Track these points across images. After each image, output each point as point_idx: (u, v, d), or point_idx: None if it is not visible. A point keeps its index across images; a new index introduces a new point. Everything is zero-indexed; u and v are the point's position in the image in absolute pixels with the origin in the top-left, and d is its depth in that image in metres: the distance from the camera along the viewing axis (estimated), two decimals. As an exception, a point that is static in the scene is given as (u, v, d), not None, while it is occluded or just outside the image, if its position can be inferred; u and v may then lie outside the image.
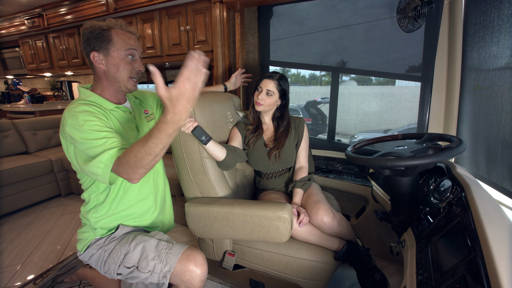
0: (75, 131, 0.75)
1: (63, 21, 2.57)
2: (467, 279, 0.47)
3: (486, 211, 0.59)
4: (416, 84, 1.49)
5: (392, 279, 1.33)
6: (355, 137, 1.79)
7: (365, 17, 1.55)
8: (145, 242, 0.86)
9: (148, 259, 0.82)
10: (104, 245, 0.90)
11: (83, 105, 0.80)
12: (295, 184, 1.21)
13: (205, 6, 1.85)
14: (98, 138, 0.74)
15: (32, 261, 1.53)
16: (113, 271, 0.86)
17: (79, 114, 0.76)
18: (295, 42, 1.78)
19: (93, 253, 0.91)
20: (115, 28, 0.84)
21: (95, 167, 0.73)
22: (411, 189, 0.89)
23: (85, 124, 0.75)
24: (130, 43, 0.85)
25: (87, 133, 0.74)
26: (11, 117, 3.37)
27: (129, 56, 0.86)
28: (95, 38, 0.82)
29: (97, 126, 0.76)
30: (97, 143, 0.74)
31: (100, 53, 0.83)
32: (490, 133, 1.01)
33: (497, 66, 0.96)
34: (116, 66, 0.85)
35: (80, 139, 0.75)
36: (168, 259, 0.81)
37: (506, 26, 0.89)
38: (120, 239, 0.90)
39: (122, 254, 0.85)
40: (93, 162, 0.73)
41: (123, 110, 0.92)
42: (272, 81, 1.20)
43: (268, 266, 1.09)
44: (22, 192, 2.16)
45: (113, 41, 0.83)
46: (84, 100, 0.84)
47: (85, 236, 0.93)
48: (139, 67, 0.89)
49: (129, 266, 0.84)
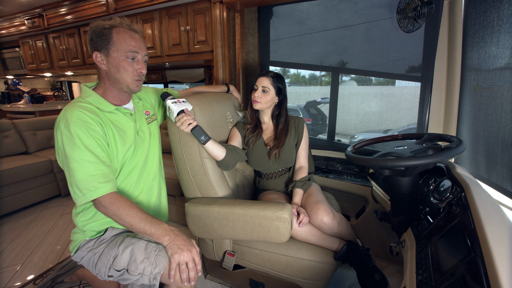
0: (67, 142, 0.77)
1: (63, 21, 2.57)
2: (467, 279, 0.47)
3: (486, 211, 0.59)
4: (416, 84, 1.49)
5: (392, 279, 1.33)
6: (355, 137, 1.79)
7: (365, 17, 1.56)
8: (134, 245, 0.84)
9: (137, 262, 0.81)
10: (94, 248, 0.89)
11: (78, 111, 0.79)
12: (295, 184, 1.21)
13: (205, 6, 1.85)
14: (84, 160, 0.77)
15: (32, 261, 1.53)
16: (104, 273, 0.85)
17: (72, 124, 0.76)
18: (295, 43, 1.78)
19: (83, 255, 0.90)
20: (118, 27, 0.82)
21: (78, 189, 0.77)
22: (411, 189, 0.89)
23: (76, 139, 0.76)
24: (131, 45, 0.83)
25: (77, 149, 0.76)
26: (11, 117, 3.37)
27: (130, 58, 0.84)
28: (97, 37, 0.81)
29: (88, 141, 0.78)
30: (84, 166, 0.77)
31: (101, 53, 0.82)
32: (490, 133, 1.01)
33: (497, 66, 0.96)
34: (116, 67, 0.83)
35: (70, 153, 0.76)
36: (157, 261, 0.80)
37: (506, 26, 0.89)
38: (109, 242, 0.89)
39: (112, 258, 0.84)
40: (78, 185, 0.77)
41: (123, 112, 0.91)
42: (267, 78, 1.21)
43: (268, 266, 1.09)
44: (22, 192, 2.16)
45: (113, 40, 0.81)
46: (83, 101, 0.84)
47: (75, 237, 0.92)
48: (140, 68, 0.86)
49: (119, 269, 0.83)
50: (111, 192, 0.79)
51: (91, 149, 0.78)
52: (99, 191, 0.77)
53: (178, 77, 2.70)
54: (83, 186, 0.76)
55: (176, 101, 0.96)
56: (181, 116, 0.95)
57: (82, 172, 0.76)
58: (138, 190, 0.97)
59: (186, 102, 0.99)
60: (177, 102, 0.96)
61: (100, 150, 0.80)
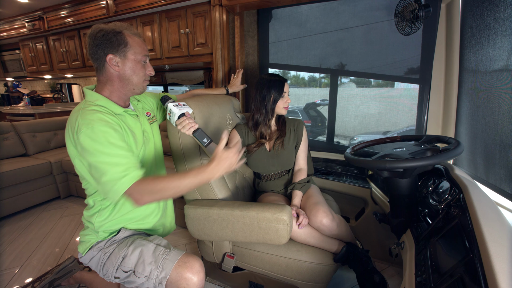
0: (90, 141, 0.74)
1: (64, 24, 2.58)
2: (465, 280, 0.48)
3: (484, 212, 0.59)
4: (414, 86, 1.50)
5: (391, 281, 1.32)
6: (355, 139, 1.79)
7: (364, 19, 1.57)
8: (143, 247, 0.85)
9: (145, 264, 0.81)
10: (104, 248, 0.90)
11: (97, 113, 0.78)
12: (294, 186, 1.21)
13: (205, 9, 1.86)
14: (113, 154, 0.75)
15: (31, 264, 1.53)
16: (111, 274, 0.85)
17: (95, 124, 0.75)
18: (294, 45, 1.79)
19: (93, 255, 0.91)
20: (125, 31, 0.85)
21: (111, 186, 0.74)
22: (410, 191, 0.89)
23: (101, 135, 0.74)
24: (145, 49, 0.88)
25: (102, 145, 0.74)
26: (10, 119, 3.37)
27: (143, 61, 0.88)
28: (110, 41, 0.82)
29: (113, 138, 0.76)
30: (112, 159, 0.74)
31: (116, 56, 0.83)
32: (488, 134, 1.01)
33: (494, 68, 0.97)
34: (132, 69, 0.86)
35: (93, 150, 0.74)
36: (164, 265, 0.80)
37: (502, 29, 0.90)
38: (119, 242, 0.90)
39: (120, 258, 0.85)
40: (110, 182, 0.74)
41: (131, 114, 0.93)
42: (286, 83, 1.25)
43: (268, 268, 1.09)
44: (21, 194, 2.16)
45: (129, 44, 0.84)
46: (94, 105, 0.83)
47: (87, 239, 0.92)
48: (150, 71, 0.91)
49: (127, 270, 0.83)
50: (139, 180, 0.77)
51: (118, 144, 0.77)
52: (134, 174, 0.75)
53: (178, 79, 2.71)
54: (118, 176, 0.74)
55: (177, 104, 0.97)
56: (182, 119, 0.95)
57: (114, 167, 0.74)
58: None
59: (187, 106, 1.00)
60: (178, 105, 0.97)
61: (125, 146, 0.80)
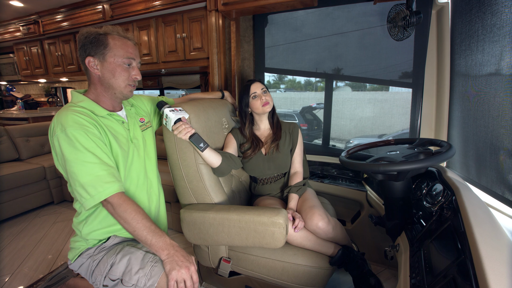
0: (66, 146, 0.75)
1: (59, 28, 2.57)
2: (458, 281, 0.48)
3: (475, 214, 0.60)
4: (408, 90, 1.53)
5: (387, 284, 1.33)
6: (351, 142, 1.81)
7: (358, 25, 1.60)
8: (131, 254, 0.84)
9: (132, 272, 0.79)
10: (94, 255, 0.88)
11: (73, 115, 0.78)
12: (290, 189, 1.21)
13: (201, 14, 1.88)
14: (89, 161, 0.75)
15: (22, 272, 1.49)
16: (99, 282, 0.83)
17: (68, 128, 0.75)
18: (290, 49, 1.81)
19: (83, 262, 0.89)
20: (111, 34, 0.84)
21: (85, 192, 0.76)
22: (404, 193, 0.91)
23: (75, 141, 0.75)
24: (129, 51, 0.85)
25: (78, 152, 0.75)
26: (3, 124, 3.32)
27: (126, 64, 0.86)
28: (91, 43, 0.82)
29: (87, 143, 0.76)
30: (88, 167, 0.75)
31: (95, 58, 0.83)
32: (478, 137, 1.04)
33: (483, 73, 0.99)
34: (111, 72, 0.84)
35: (71, 157, 0.75)
36: (152, 273, 0.78)
37: (490, 35, 0.93)
38: (109, 249, 0.89)
39: (109, 266, 0.83)
40: (85, 188, 0.75)
41: (116, 119, 0.91)
42: (256, 82, 1.26)
43: (264, 272, 1.09)
44: (13, 199, 2.12)
45: (109, 46, 0.82)
46: (75, 106, 0.83)
47: (77, 245, 0.91)
48: (136, 74, 0.89)
49: (114, 279, 0.81)
50: (119, 192, 0.78)
51: (92, 150, 0.77)
52: (107, 191, 0.76)
53: (174, 83, 2.71)
54: (89, 188, 0.75)
55: (174, 109, 0.97)
56: (179, 124, 0.95)
57: (87, 174, 0.75)
58: (139, 198, 0.96)
59: (183, 111, 1.00)
60: (174, 110, 0.96)
61: (100, 152, 0.79)
